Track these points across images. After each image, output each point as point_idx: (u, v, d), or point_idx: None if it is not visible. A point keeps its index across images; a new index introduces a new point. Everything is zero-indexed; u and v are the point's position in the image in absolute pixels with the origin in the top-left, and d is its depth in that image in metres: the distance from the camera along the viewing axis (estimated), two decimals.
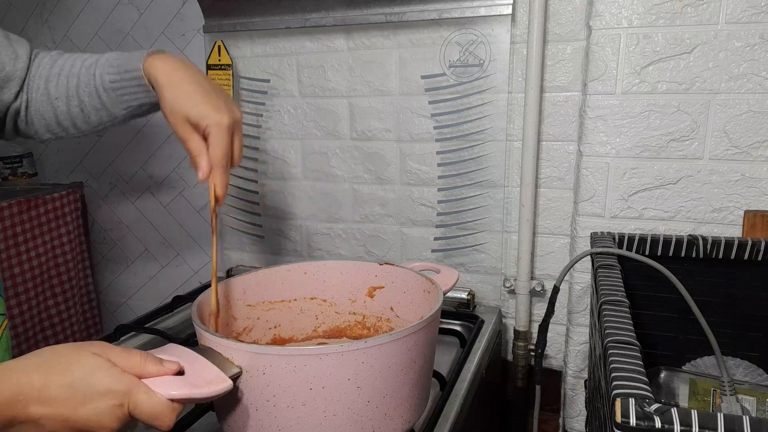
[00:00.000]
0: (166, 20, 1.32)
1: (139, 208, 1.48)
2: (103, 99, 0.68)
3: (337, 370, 0.51)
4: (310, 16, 1.12)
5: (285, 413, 0.52)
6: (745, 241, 0.76)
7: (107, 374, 0.44)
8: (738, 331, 0.78)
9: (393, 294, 0.74)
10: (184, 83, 0.63)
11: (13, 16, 1.47)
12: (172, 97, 0.63)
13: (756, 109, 0.85)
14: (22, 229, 1.34)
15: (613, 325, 0.54)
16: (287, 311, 0.77)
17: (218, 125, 0.62)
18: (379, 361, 0.53)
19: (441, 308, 0.61)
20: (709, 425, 0.39)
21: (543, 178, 1.05)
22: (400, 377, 0.55)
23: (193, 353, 0.51)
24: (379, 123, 1.14)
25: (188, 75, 0.64)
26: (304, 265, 0.77)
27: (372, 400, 0.54)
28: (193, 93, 0.63)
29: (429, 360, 0.62)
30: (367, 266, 0.76)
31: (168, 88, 0.63)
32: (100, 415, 0.44)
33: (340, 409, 0.53)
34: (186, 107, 0.62)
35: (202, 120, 0.61)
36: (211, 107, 0.62)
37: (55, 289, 1.43)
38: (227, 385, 0.49)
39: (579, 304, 1.01)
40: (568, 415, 1.05)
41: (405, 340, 0.54)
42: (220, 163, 0.62)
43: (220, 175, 0.63)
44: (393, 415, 0.56)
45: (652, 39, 0.88)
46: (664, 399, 0.75)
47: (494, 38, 1.02)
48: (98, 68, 0.68)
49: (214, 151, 0.62)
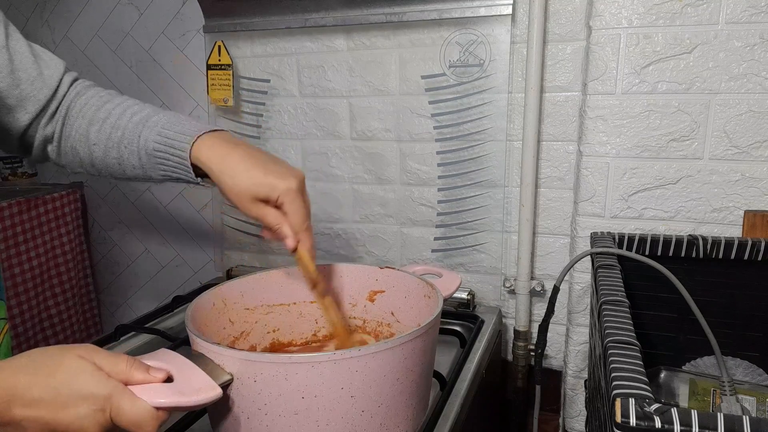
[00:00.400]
0: (166, 20, 1.32)
1: (139, 208, 1.48)
2: (143, 161, 0.66)
3: (330, 378, 0.50)
4: (310, 16, 1.12)
5: (277, 422, 0.51)
6: (745, 241, 0.76)
7: (91, 378, 0.43)
8: (738, 331, 0.78)
9: (394, 299, 0.73)
10: (239, 164, 0.61)
11: (13, 16, 1.47)
12: (233, 183, 0.61)
13: (756, 109, 0.85)
14: (22, 229, 1.34)
15: (613, 325, 0.54)
16: (286, 315, 0.76)
17: (288, 192, 0.61)
18: (374, 370, 0.51)
19: (440, 315, 0.60)
20: (709, 425, 0.39)
21: (543, 178, 1.05)
22: (396, 386, 0.54)
23: (183, 359, 0.50)
24: (379, 123, 1.14)
25: (239, 154, 0.62)
26: None
27: (367, 409, 0.52)
28: (252, 170, 0.61)
29: (427, 368, 0.60)
30: (367, 270, 0.75)
31: (225, 175, 0.61)
32: (82, 419, 0.43)
33: (333, 418, 0.51)
34: (251, 188, 0.60)
35: (272, 193, 0.60)
36: (275, 177, 0.61)
37: (55, 289, 1.43)
38: (216, 393, 0.47)
39: (579, 304, 1.01)
40: (568, 415, 1.05)
41: (401, 348, 0.53)
42: (303, 227, 0.62)
43: (306, 239, 0.63)
44: (389, 425, 0.55)
45: (652, 39, 0.88)
46: (664, 399, 0.75)
47: (494, 38, 1.02)
48: (145, 130, 0.65)
49: (295, 218, 0.61)
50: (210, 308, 0.67)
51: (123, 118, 0.66)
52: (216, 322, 0.68)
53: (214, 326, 0.67)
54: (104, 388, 0.43)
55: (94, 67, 1.42)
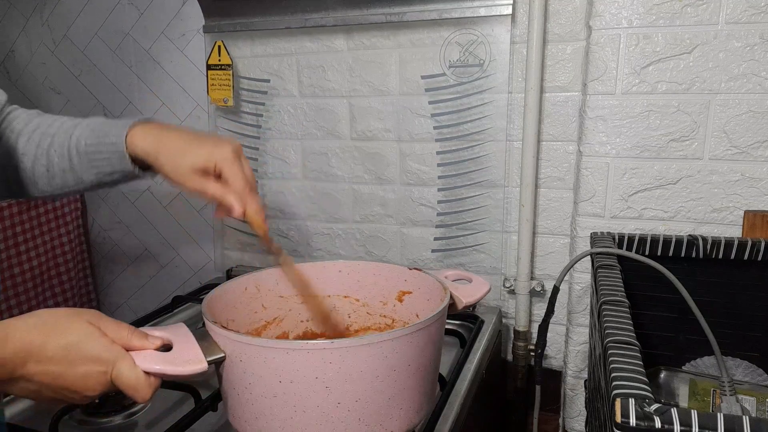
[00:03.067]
0: (166, 20, 1.32)
1: (139, 208, 1.48)
2: (74, 162, 0.66)
3: (304, 366, 0.52)
4: (310, 16, 1.12)
5: (260, 402, 0.54)
6: (745, 241, 0.76)
7: (98, 343, 0.49)
8: (738, 331, 0.78)
9: (419, 300, 0.72)
10: (175, 141, 0.63)
11: (14, 16, 1.47)
12: (172, 159, 0.62)
13: (756, 109, 0.85)
14: (22, 229, 1.34)
15: (613, 325, 0.54)
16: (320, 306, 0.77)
17: (225, 159, 0.62)
18: (349, 364, 0.52)
19: (437, 319, 0.58)
20: (709, 425, 0.39)
21: (543, 178, 1.05)
22: (375, 384, 0.54)
23: (188, 334, 0.55)
24: (379, 123, 1.14)
25: (173, 134, 0.64)
26: (339, 263, 0.77)
27: (343, 402, 0.53)
28: (186, 144, 0.63)
29: (420, 371, 0.58)
30: (398, 270, 0.74)
31: (162, 153, 0.63)
32: (87, 378, 0.48)
33: (308, 406, 0.53)
34: (187, 159, 0.62)
35: (209, 160, 0.61)
36: (211, 146, 0.62)
37: (55, 289, 1.43)
38: (202, 367, 0.52)
39: (579, 304, 1.01)
40: (568, 415, 1.05)
41: (379, 346, 0.53)
42: (245, 190, 0.62)
43: (253, 202, 0.62)
44: (369, 421, 0.55)
45: (652, 39, 0.88)
46: (664, 399, 0.75)
47: (494, 38, 1.02)
48: (77, 130, 0.67)
49: (236, 182, 0.62)
50: (242, 292, 0.70)
51: (53, 127, 0.68)
52: (247, 305, 0.71)
53: (244, 309, 0.70)
54: (110, 353, 0.49)
55: (94, 67, 1.42)
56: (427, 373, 0.60)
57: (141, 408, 0.77)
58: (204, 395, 0.74)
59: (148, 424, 0.74)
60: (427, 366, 0.60)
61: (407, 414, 0.59)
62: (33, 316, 0.49)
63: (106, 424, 0.74)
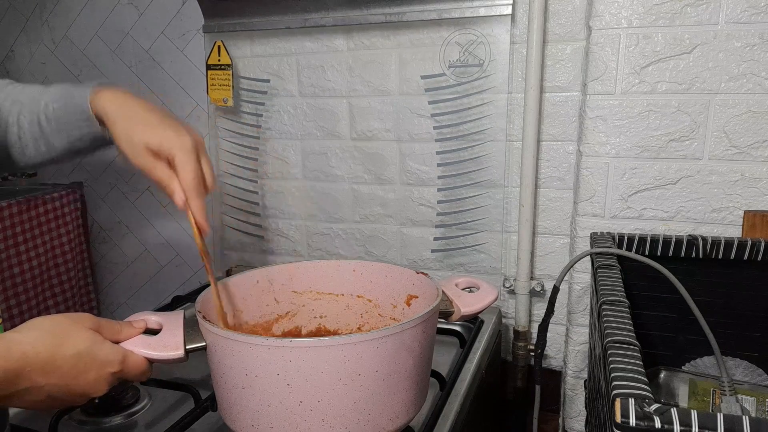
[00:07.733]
0: (166, 20, 1.32)
1: (139, 208, 1.48)
2: (44, 126, 0.65)
3: (266, 362, 0.53)
4: (310, 16, 1.12)
5: (232, 392, 0.56)
6: (744, 241, 0.76)
7: (104, 347, 0.53)
8: (738, 331, 0.78)
9: (423, 305, 0.70)
10: (137, 112, 0.60)
11: (14, 16, 1.47)
12: (127, 128, 0.59)
13: (756, 109, 0.85)
14: (22, 229, 1.34)
15: (612, 325, 0.54)
16: (334, 304, 0.78)
17: (182, 148, 0.58)
18: (309, 364, 0.52)
19: (414, 324, 0.57)
20: (709, 425, 0.39)
21: (543, 178, 1.05)
22: (338, 387, 0.53)
23: (180, 323, 0.59)
24: (379, 123, 1.14)
25: (139, 104, 0.61)
26: (353, 262, 0.77)
27: (305, 401, 0.53)
28: (149, 120, 0.59)
29: (390, 379, 0.56)
30: (407, 273, 0.74)
31: (121, 120, 0.60)
32: (98, 381, 0.52)
33: (272, 402, 0.54)
34: (144, 135, 0.58)
35: (164, 144, 0.58)
36: (171, 131, 0.59)
37: (55, 289, 1.43)
38: (178, 354, 0.56)
39: (579, 304, 1.01)
40: (568, 415, 1.05)
41: (341, 348, 0.52)
42: (192, 186, 0.58)
43: (195, 201, 0.58)
44: (333, 423, 0.54)
45: (652, 39, 0.88)
46: (664, 399, 0.75)
47: (494, 38, 1.02)
48: (45, 96, 0.65)
49: (185, 175, 0.58)
50: (253, 284, 0.72)
51: (22, 95, 0.66)
52: (258, 298, 0.73)
53: (255, 301, 0.72)
54: (116, 354, 0.53)
55: (94, 67, 1.42)
56: (401, 380, 0.57)
57: (141, 408, 0.77)
58: (204, 395, 0.74)
59: (148, 424, 0.74)
60: (403, 374, 0.57)
61: (377, 420, 0.57)
62: (34, 328, 0.50)
63: (106, 424, 0.74)
